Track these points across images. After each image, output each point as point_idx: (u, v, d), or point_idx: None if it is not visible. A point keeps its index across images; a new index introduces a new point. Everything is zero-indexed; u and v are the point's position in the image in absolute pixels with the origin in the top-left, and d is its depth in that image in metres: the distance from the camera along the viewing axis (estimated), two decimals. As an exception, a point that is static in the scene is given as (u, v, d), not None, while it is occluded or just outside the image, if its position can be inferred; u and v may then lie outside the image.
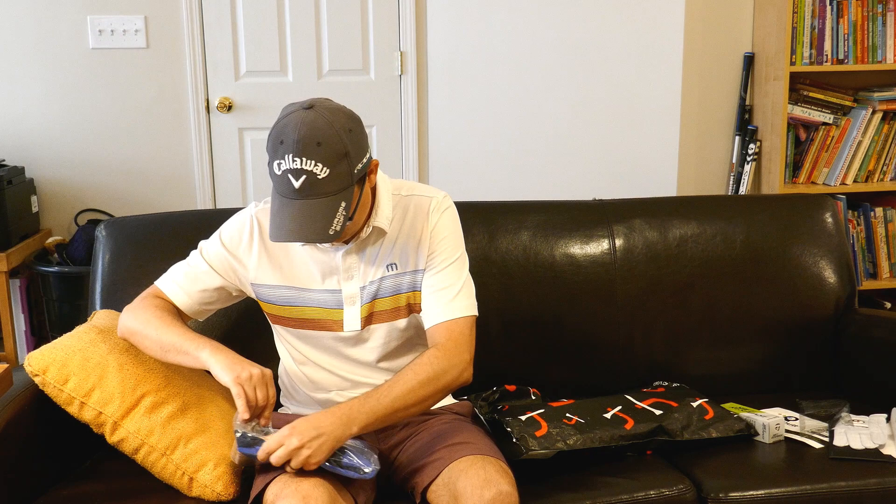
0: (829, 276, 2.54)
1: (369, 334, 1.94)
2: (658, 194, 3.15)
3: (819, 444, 2.13)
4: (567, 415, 2.07)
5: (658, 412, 2.14)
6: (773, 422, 2.16)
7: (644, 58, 3.74)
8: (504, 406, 2.13)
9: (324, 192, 1.71)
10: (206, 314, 2.01)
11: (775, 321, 2.50)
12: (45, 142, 3.60)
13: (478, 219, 2.41)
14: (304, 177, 1.69)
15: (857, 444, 2.09)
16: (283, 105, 1.81)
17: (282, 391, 2.07)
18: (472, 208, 2.35)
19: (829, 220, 2.59)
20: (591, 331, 2.43)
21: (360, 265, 1.92)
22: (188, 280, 1.95)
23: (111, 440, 1.89)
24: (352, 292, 1.92)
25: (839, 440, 2.11)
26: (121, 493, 1.87)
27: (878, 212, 3.83)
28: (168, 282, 1.96)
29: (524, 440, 1.97)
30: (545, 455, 1.96)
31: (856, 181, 3.81)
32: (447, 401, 2.03)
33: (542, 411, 2.08)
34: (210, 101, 3.68)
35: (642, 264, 2.46)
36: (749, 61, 3.86)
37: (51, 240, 3.50)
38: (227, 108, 3.67)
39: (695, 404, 2.19)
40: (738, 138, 3.91)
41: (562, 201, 2.57)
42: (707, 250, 2.49)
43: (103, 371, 1.89)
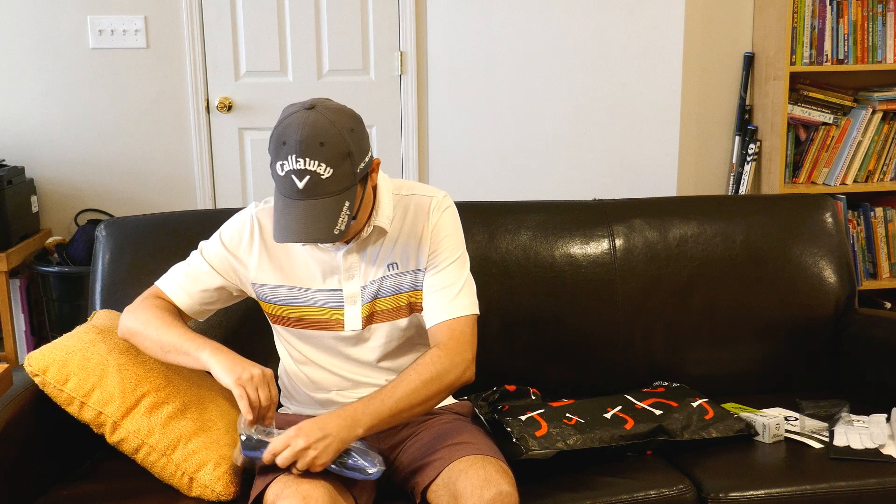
0: (829, 276, 2.54)
1: (370, 334, 1.94)
2: (658, 194, 3.14)
3: (819, 444, 2.13)
4: (567, 415, 2.07)
5: (658, 412, 2.14)
6: (773, 422, 2.16)
7: (644, 58, 3.73)
8: (504, 406, 2.13)
9: (328, 191, 1.71)
10: (206, 314, 2.02)
11: (775, 321, 2.50)
12: (45, 142, 3.60)
13: (478, 219, 2.41)
14: (308, 177, 1.69)
15: (857, 444, 2.09)
16: (283, 105, 1.81)
17: (282, 391, 2.07)
18: (472, 208, 2.35)
19: (829, 220, 2.59)
20: (590, 331, 2.43)
21: (360, 264, 1.92)
22: (189, 280, 1.95)
23: (111, 440, 1.89)
24: (353, 292, 1.92)
25: (839, 440, 2.11)
26: (121, 493, 1.87)
27: (878, 212, 3.83)
28: (168, 282, 1.96)
29: (524, 440, 1.97)
30: (545, 455, 1.96)
31: (856, 181, 3.81)
32: (447, 401, 2.03)
33: (542, 411, 2.08)
34: (210, 101, 3.68)
35: (642, 264, 2.46)
36: (749, 61, 3.86)
37: (51, 240, 3.50)
38: (227, 108, 3.67)
39: (695, 404, 2.19)
40: (738, 138, 3.91)
41: (562, 201, 2.57)
42: (707, 250, 2.49)
43: (103, 371, 1.89)
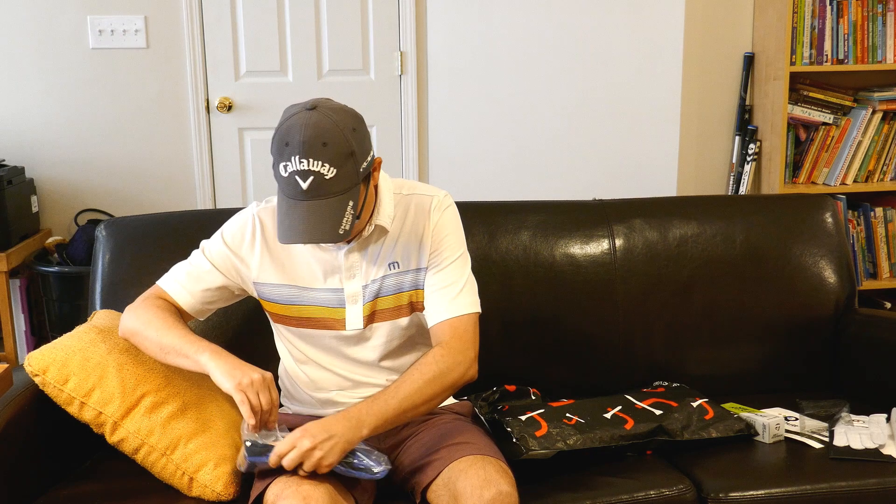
0: (829, 276, 2.54)
1: (371, 333, 1.94)
2: (658, 194, 3.14)
3: (819, 444, 2.13)
4: (567, 415, 2.07)
5: (658, 412, 2.14)
6: (773, 422, 2.16)
7: (644, 58, 3.73)
8: (504, 406, 2.13)
9: (331, 192, 1.71)
10: (207, 313, 2.01)
11: (775, 321, 2.50)
12: (45, 142, 3.60)
13: (478, 219, 2.41)
14: (312, 178, 1.69)
15: (857, 444, 2.09)
16: (283, 105, 1.81)
17: (282, 391, 2.07)
18: (472, 208, 2.35)
19: (829, 220, 2.59)
20: (590, 331, 2.43)
21: (362, 264, 1.92)
22: (191, 279, 1.95)
23: (111, 440, 1.89)
24: (354, 291, 1.92)
25: (839, 440, 2.11)
26: (121, 493, 1.87)
27: (878, 212, 3.83)
28: (170, 281, 1.96)
29: (524, 440, 1.97)
30: (545, 455, 1.96)
31: (856, 181, 3.81)
32: (448, 401, 2.03)
33: (542, 411, 2.08)
34: (210, 101, 3.68)
35: (642, 264, 2.46)
36: (749, 61, 3.86)
37: (51, 240, 3.50)
38: (227, 108, 3.67)
39: (695, 404, 2.19)
40: (738, 138, 3.91)
41: (562, 201, 2.57)
42: (707, 250, 2.49)
43: (103, 371, 1.89)
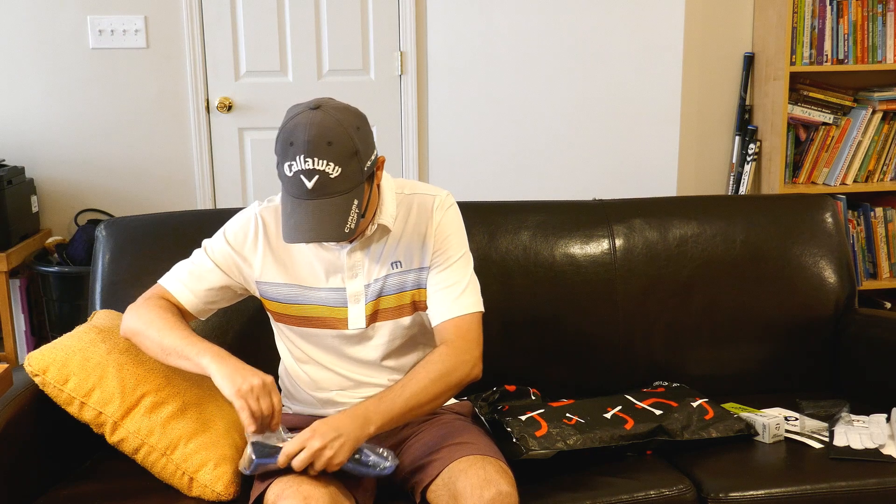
0: (829, 276, 2.54)
1: (374, 332, 1.94)
2: (658, 194, 3.14)
3: (819, 444, 2.13)
4: (567, 415, 2.07)
5: (658, 412, 2.14)
6: (773, 422, 2.16)
7: (644, 58, 3.73)
8: (504, 406, 2.13)
9: (336, 191, 1.71)
10: (209, 313, 2.01)
11: (775, 321, 2.50)
12: (45, 142, 3.60)
13: (478, 219, 2.40)
14: (317, 177, 1.69)
15: (857, 444, 2.09)
16: (283, 105, 1.81)
17: (282, 391, 2.06)
18: (472, 208, 2.34)
19: (829, 220, 2.59)
20: (590, 331, 2.43)
21: (364, 263, 1.92)
22: (193, 279, 1.95)
23: (111, 440, 1.89)
24: (356, 290, 1.92)
25: (839, 440, 2.11)
26: (121, 493, 1.87)
27: (878, 212, 3.83)
28: (173, 280, 1.96)
29: (524, 440, 1.97)
30: (545, 455, 1.96)
31: (856, 181, 3.81)
32: (448, 401, 2.03)
33: (542, 411, 2.08)
34: (210, 101, 3.68)
35: (642, 264, 2.46)
36: (749, 61, 3.86)
37: (51, 240, 3.50)
38: (227, 108, 3.67)
39: (695, 404, 2.19)
40: (738, 138, 3.91)
41: (562, 201, 2.57)
42: (707, 250, 2.49)
43: (103, 371, 1.89)
